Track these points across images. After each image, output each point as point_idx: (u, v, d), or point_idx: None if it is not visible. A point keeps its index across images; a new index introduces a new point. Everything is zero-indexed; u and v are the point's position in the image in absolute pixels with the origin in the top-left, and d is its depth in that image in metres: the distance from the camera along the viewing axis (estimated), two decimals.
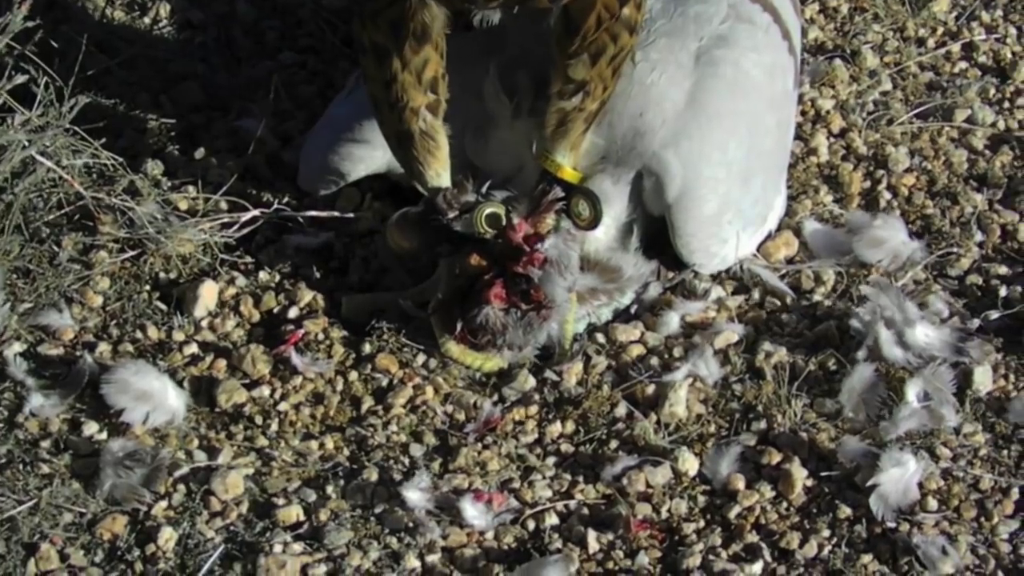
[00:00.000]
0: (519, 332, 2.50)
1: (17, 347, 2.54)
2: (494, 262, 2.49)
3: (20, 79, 2.58)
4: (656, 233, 2.67)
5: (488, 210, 2.48)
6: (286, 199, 2.77)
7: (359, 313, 2.62)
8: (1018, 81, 3.07)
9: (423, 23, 2.45)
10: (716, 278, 2.67)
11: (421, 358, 2.54)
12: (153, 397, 2.43)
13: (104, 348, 2.54)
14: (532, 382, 2.52)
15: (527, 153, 2.63)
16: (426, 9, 2.42)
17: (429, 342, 2.54)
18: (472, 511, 2.31)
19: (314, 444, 2.40)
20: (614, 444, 2.42)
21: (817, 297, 2.64)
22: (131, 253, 2.69)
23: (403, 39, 2.46)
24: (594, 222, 2.56)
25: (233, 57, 3.15)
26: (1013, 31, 3.18)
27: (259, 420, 2.45)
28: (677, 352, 2.54)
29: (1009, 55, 3.13)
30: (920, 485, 2.27)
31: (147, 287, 2.67)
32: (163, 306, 2.64)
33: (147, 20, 3.20)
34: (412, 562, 2.26)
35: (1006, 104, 3.03)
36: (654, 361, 2.53)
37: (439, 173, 2.55)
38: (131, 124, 2.95)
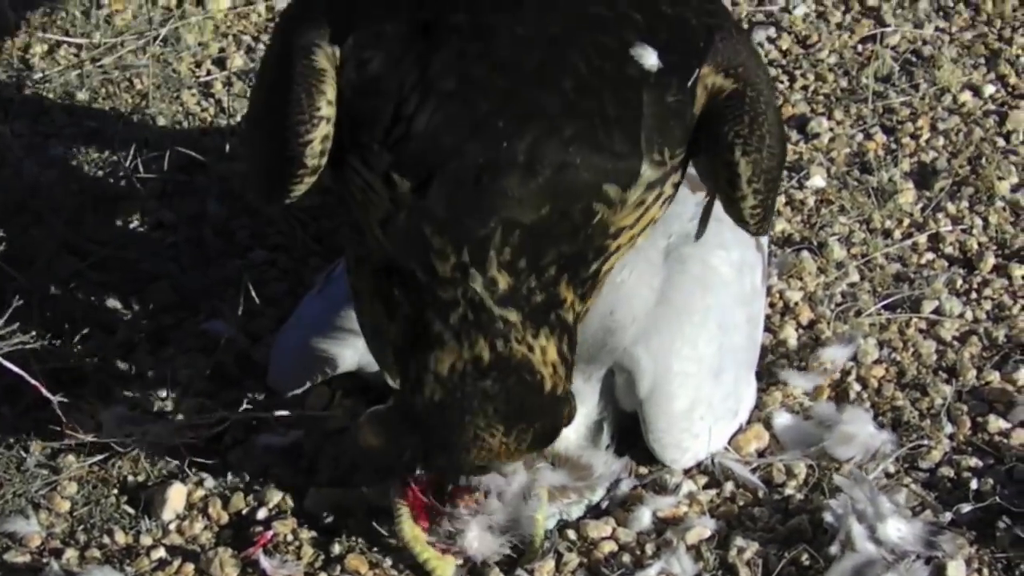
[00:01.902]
0: (481, 528, 2.48)
1: None
2: None
3: None
4: (627, 428, 2.67)
5: None
6: (255, 398, 2.77)
7: (325, 509, 2.61)
8: (985, 272, 3.08)
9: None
10: (688, 472, 2.66)
11: (390, 559, 2.52)
12: None
13: (71, 555, 2.52)
14: None
15: None
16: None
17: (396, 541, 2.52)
18: None
19: None
20: None
21: (789, 490, 2.63)
22: (99, 456, 2.67)
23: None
24: (567, 419, 2.49)
25: (203, 256, 3.15)
26: (979, 222, 3.19)
27: None
28: (649, 549, 2.52)
29: (975, 246, 3.13)
30: None
31: (115, 491, 2.65)
32: (131, 510, 2.63)
33: (118, 222, 3.23)
34: None
35: (973, 295, 3.04)
36: (626, 558, 2.51)
37: None
38: (101, 326, 2.95)
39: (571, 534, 2.56)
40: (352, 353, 2.71)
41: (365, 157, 2.21)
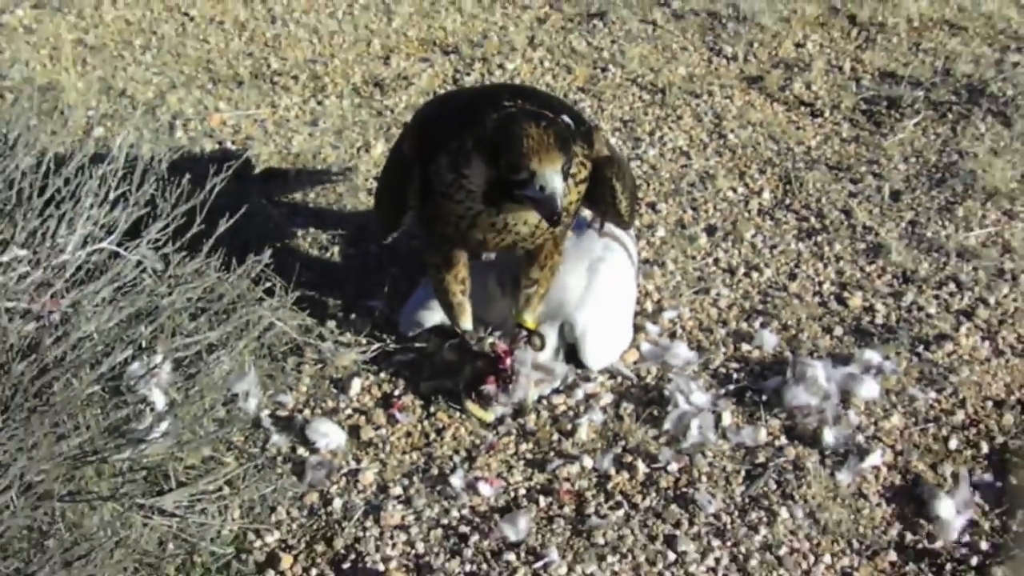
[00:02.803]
0: (503, 397, 2.45)
1: (266, 412, 2.41)
2: (490, 364, 2.46)
3: None
4: (571, 351, 2.64)
5: (489, 340, 2.47)
6: (393, 338, 2.65)
7: (428, 390, 2.51)
8: (739, 275, 2.92)
9: (456, 256, 2.43)
10: (600, 372, 2.61)
11: (458, 414, 2.45)
12: (330, 435, 2.39)
13: (307, 412, 2.46)
14: (511, 424, 2.46)
15: (509, 314, 2.59)
16: (456, 251, 2.42)
17: (459, 404, 2.48)
18: (485, 489, 2.28)
19: None
20: (551, 454, 2.39)
21: (649, 380, 2.58)
22: (320, 365, 2.57)
23: (447, 262, 2.44)
24: (542, 348, 2.56)
25: (368, 270, 2.95)
26: (737, 252, 3.00)
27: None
28: (582, 408, 2.50)
29: (735, 262, 2.94)
30: None
31: (327, 382, 2.54)
32: (335, 390, 2.53)
33: (327, 255, 3.06)
34: (454, 513, 2.21)
35: (735, 286, 2.88)
36: (571, 413, 2.51)
37: (467, 322, 2.51)
38: (320, 304, 2.82)
39: (544, 402, 2.53)
40: (439, 316, 2.62)
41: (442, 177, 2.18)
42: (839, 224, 3.18)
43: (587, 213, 2.70)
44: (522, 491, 2.30)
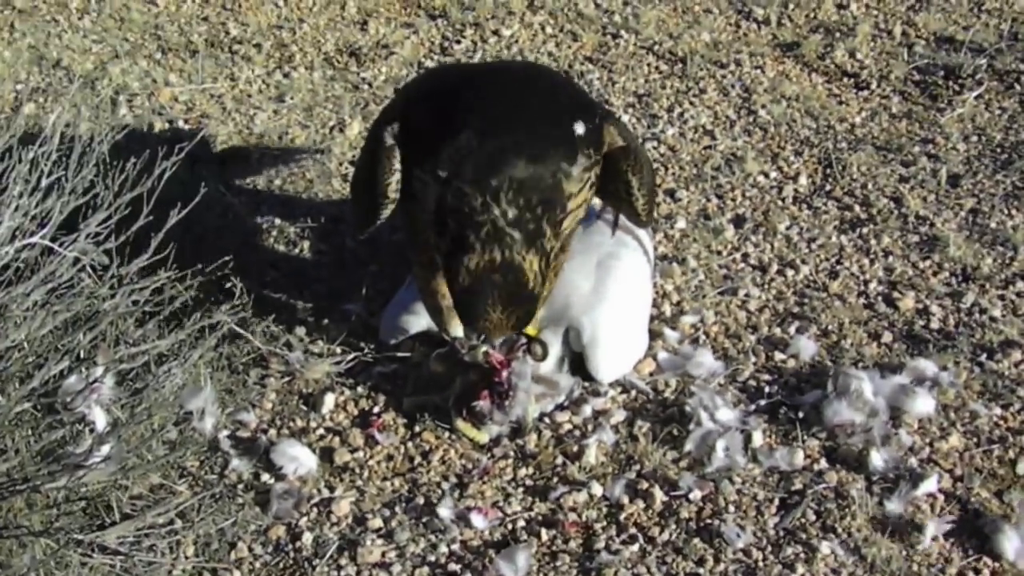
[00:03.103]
0: (499, 415, 2.45)
1: (224, 433, 2.41)
2: (484, 376, 2.45)
3: None
4: (577, 361, 2.64)
5: (483, 348, 2.44)
6: (373, 346, 2.67)
7: (412, 407, 2.53)
8: (772, 273, 2.94)
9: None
10: (611, 385, 2.62)
11: (447, 434, 2.46)
12: (298, 459, 2.36)
13: (272, 432, 2.45)
14: (509, 445, 2.46)
15: None
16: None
17: (448, 423, 2.48)
18: (478, 520, 2.28)
19: None
20: (555, 480, 2.39)
21: (667, 394, 2.59)
22: (287, 379, 2.57)
23: (435, 260, 2.40)
24: (544, 356, 2.55)
25: (343, 268, 3.00)
26: (769, 246, 3.00)
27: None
28: (590, 427, 2.51)
29: (767, 258, 2.99)
30: None
31: (296, 398, 2.55)
32: (304, 408, 2.54)
33: (296, 250, 3.08)
34: (443, 549, 2.22)
35: (767, 286, 2.90)
36: (577, 432, 2.50)
37: (457, 328, 2.50)
38: (288, 307, 2.84)
39: (546, 420, 2.53)
40: (424, 321, 2.63)
41: (424, 167, 2.23)
42: (888, 214, 3.18)
43: (597, 202, 2.70)
44: (521, 523, 2.31)
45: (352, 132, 3.59)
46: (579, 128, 2.27)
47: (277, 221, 3.22)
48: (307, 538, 2.27)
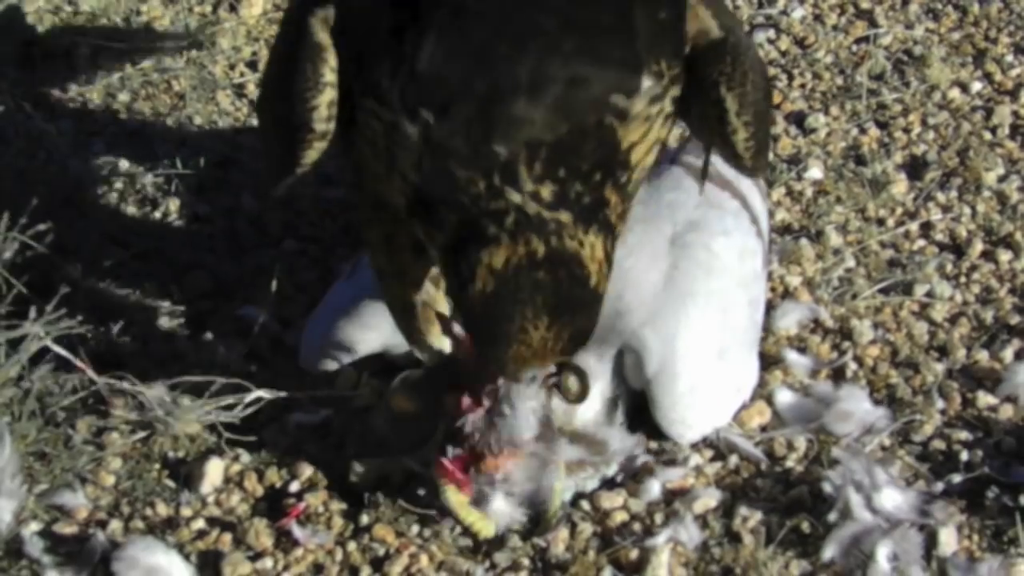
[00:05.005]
0: (494, 438, 2.45)
1: (34, 526, 2.52)
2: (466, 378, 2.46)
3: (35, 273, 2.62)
4: (639, 406, 2.67)
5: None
6: (288, 379, 2.76)
7: (366, 479, 2.59)
8: (973, 257, 3.08)
9: None
10: (695, 446, 2.66)
11: (416, 528, 2.52)
12: (160, 572, 2.41)
13: (116, 525, 2.52)
14: (522, 547, 2.48)
15: None
16: None
17: (425, 508, 2.51)
18: None
19: None
20: None
21: (790, 463, 2.63)
22: (142, 434, 2.68)
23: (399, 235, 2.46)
24: (582, 395, 2.56)
25: (238, 247, 3.17)
26: (967, 210, 3.19)
27: None
28: (659, 518, 2.52)
29: (964, 233, 3.13)
30: None
31: (156, 466, 2.66)
32: (172, 483, 2.63)
33: (157, 215, 3.24)
34: None
35: (963, 279, 3.03)
36: (636, 527, 2.51)
37: (437, 338, 2.56)
38: (143, 313, 2.96)
39: (585, 505, 2.56)
40: (377, 336, 2.71)
41: (379, 96, 2.19)
42: None
43: (676, 135, 2.73)
44: None
45: (253, 11, 3.70)
46: (642, 18, 2.22)
47: (123, 164, 3.29)
48: None
